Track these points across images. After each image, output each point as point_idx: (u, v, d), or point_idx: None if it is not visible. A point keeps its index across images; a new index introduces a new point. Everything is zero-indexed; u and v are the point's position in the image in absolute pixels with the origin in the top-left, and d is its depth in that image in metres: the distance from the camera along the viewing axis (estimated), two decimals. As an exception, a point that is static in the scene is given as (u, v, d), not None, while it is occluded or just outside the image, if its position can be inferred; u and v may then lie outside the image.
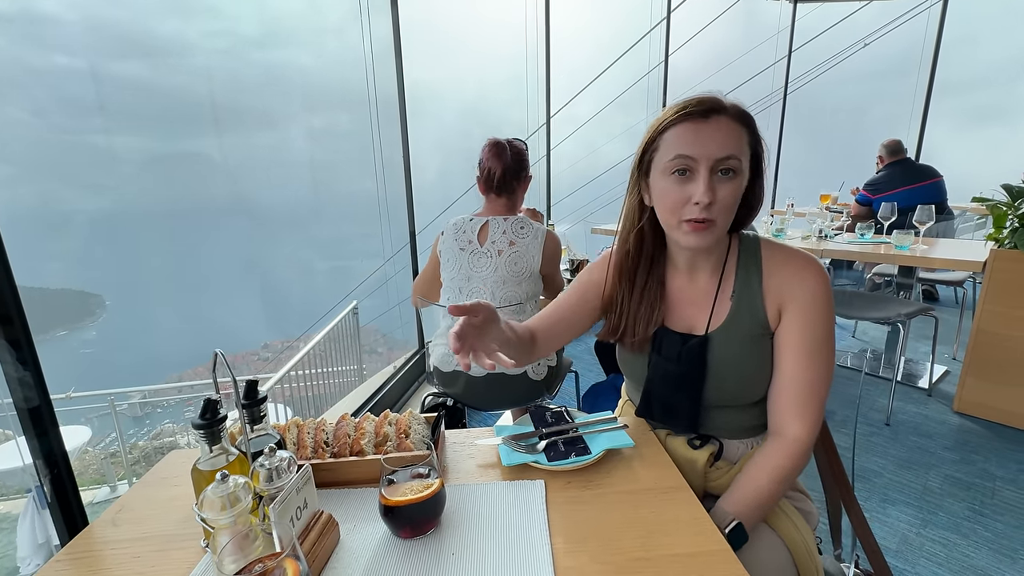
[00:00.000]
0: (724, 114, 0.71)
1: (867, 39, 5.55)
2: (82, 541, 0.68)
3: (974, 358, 2.21)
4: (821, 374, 0.77)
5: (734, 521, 0.71)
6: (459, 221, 1.51)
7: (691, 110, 0.71)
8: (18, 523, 0.98)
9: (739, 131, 0.72)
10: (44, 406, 0.83)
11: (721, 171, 0.70)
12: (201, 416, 0.60)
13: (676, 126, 0.72)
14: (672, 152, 0.72)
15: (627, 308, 0.87)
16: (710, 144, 0.70)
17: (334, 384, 3.49)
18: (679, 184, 0.72)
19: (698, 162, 0.70)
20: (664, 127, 0.74)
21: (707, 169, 0.70)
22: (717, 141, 0.70)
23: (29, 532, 0.96)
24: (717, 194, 0.70)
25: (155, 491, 0.78)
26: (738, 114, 0.73)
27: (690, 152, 0.70)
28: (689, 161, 0.71)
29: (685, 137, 0.71)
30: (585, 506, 0.70)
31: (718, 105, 0.71)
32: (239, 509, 0.57)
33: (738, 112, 0.73)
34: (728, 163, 0.70)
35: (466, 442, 0.88)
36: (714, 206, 0.71)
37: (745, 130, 0.73)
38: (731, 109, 0.72)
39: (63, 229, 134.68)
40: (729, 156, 0.70)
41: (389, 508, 0.63)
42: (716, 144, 0.69)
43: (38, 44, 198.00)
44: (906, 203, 2.95)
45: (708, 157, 0.69)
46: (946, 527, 1.61)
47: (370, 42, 2.55)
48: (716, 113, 0.71)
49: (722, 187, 0.71)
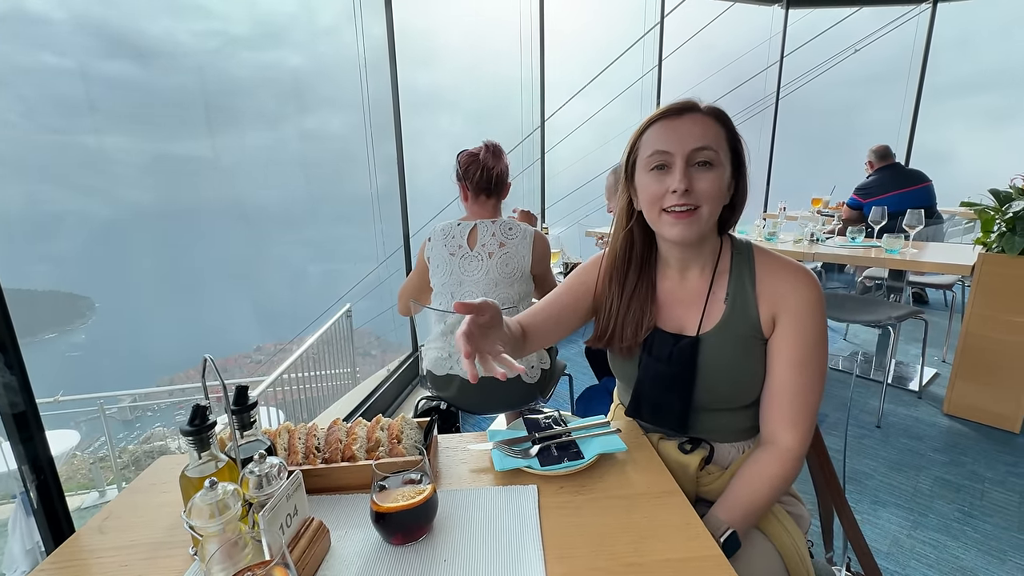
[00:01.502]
0: (698, 111, 0.76)
1: (858, 44, 5.62)
2: (68, 549, 0.67)
3: (963, 361, 2.23)
4: (813, 382, 0.78)
5: (728, 529, 0.72)
6: (446, 226, 1.51)
7: (667, 110, 0.77)
8: (8, 529, 0.96)
9: (714, 126, 0.76)
10: (30, 411, 0.82)
11: (698, 163, 0.74)
12: (190, 422, 0.60)
13: (653, 126, 0.77)
14: (650, 149, 0.76)
15: (615, 313, 0.87)
16: (685, 137, 0.74)
17: (328, 387, 3.47)
18: (658, 178, 0.75)
19: (673, 155, 0.74)
20: (643, 129, 0.78)
21: (683, 160, 0.73)
22: (692, 134, 0.73)
23: (18, 538, 0.94)
24: (695, 184, 0.73)
25: (143, 497, 0.77)
26: (712, 111, 0.77)
27: (666, 147, 0.74)
28: (666, 156, 0.74)
29: (661, 134, 0.76)
30: (578, 511, 0.70)
31: (692, 104, 0.76)
32: (228, 517, 0.56)
33: (712, 110, 0.77)
34: (703, 154, 0.73)
35: (459, 447, 0.87)
36: (693, 194, 0.73)
37: (721, 126, 0.76)
38: (705, 108, 0.77)
39: (52, 230, 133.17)
40: (704, 147, 0.73)
41: (380, 515, 0.62)
42: (691, 137, 0.73)
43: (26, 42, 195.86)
44: (896, 207, 2.99)
45: (683, 149, 0.73)
46: (936, 529, 1.62)
47: (363, 44, 2.55)
48: (691, 111, 0.76)
49: (700, 177, 0.74)
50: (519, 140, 3.98)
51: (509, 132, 4.02)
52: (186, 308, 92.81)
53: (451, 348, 1.51)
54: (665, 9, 4.52)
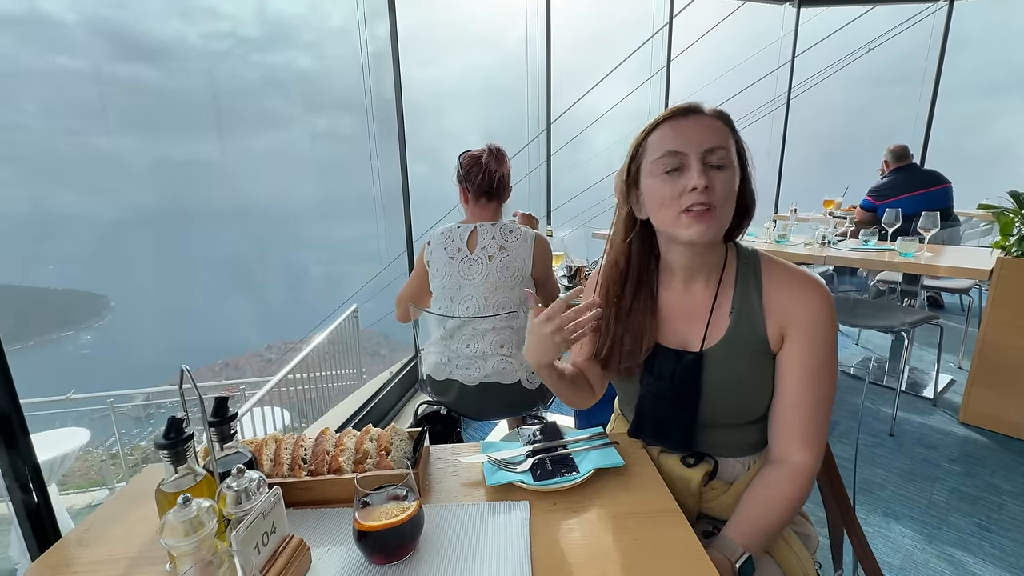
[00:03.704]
0: (703, 113, 0.73)
1: (871, 43, 5.51)
2: (48, 559, 0.66)
3: (980, 368, 2.16)
4: (825, 396, 0.74)
5: (744, 554, 0.68)
6: (446, 230, 1.49)
7: (672, 112, 0.74)
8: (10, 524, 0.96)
9: (721, 127, 0.73)
10: (14, 415, 0.80)
11: (712, 165, 0.71)
12: (165, 435, 0.58)
13: (659, 128, 0.74)
14: (660, 151, 0.72)
15: (612, 330, 0.83)
16: (697, 135, 0.71)
17: (334, 387, 3.47)
18: (672, 180, 0.72)
19: (688, 155, 0.71)
20: (647, 133, 0.75)
21: (698, 159, 0.70)
22: (702, 133, 0.71)
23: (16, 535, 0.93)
24: (713, 182, 0.70)
25: (126, 510, 0.75)
26: (717, 113, 0.74)
27: (678, 147, 0.71)
28: (679, 156, 0.71)
29: (671, 134, 0.72)
30: (570, 530, 0.67)
31: (696, 106, 0.74)
32: (202, 535, 0.54)
33: (716, 111, 0.75)
34: (717, 153, 0.71)
35: (451, 459, 0.85)
36: (712, 192, 0.70)
37: (728, 129, 0.74)
38: (710, 110, 0.74)
39: (63, 230, 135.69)
40: (717, 146, 0.71)
41: (363, 533, 0.60)
42: (702, 135, 0.71)
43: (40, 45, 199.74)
44: (911, 209, 2.91)
45: (698, 147, 0.70)
46: (951, 543, 1.57)
47: (367, 46, 2.54)
48: (695, 112, 0.73)
49: (716, 177, 0.70)
50: (525, 142, 3.96)
51: (515, 134, 4.00)
52: (200, 307, 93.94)
53: (450, 353, 1.48)
54: (674, 9, 4.47)
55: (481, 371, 1.44)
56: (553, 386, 0.83)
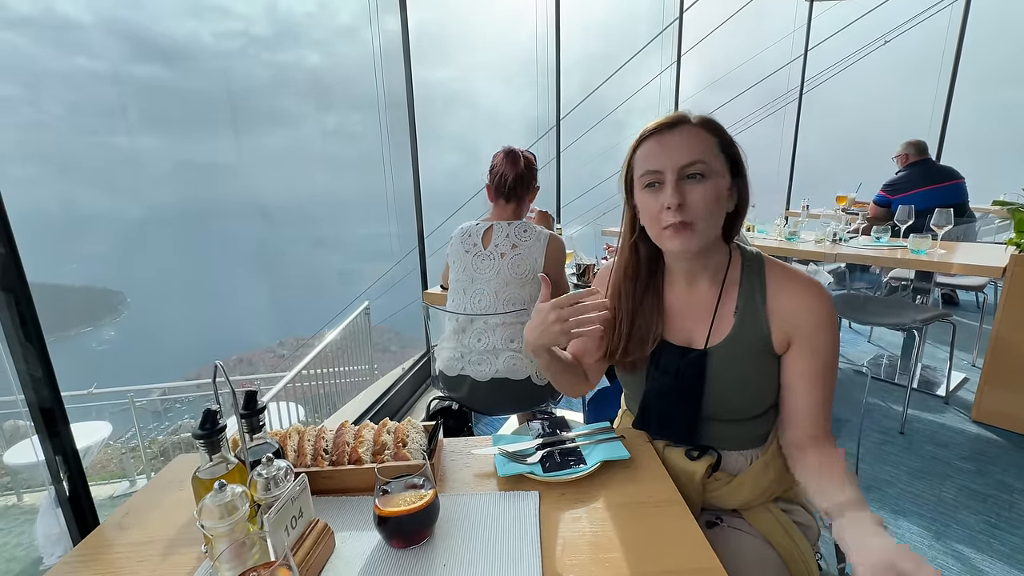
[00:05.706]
0: (688, 123, 0.75)
1: (888, 35, 5.42)
2: (91, 542, 0.71)
3: (994, 366, 2.15)
4: (830, 391, 0.78)
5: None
6: (467, 226, 1.57)
7: (657, 126, 0.76)
8: (38, 516, 1.02)
9: (705, 137, 0.75)
10: (56, 407, 0.85)
11: (688, 176, 0.73)
12: (201, 426, 0.62)
13: (643, 144, 0.77)
14: (642, 168, 0.76)
15: (624, 328, 0.86)
16: (674, 153, 0.73)
17: (347, 383, 3.54)
18: (653, 196, 0.75)
19: (664, 173, 0.74)
20: (635, 146, 0.78)
21: (674, 176, 0.73)
22: (681, 149, 0.73)
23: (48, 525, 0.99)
24: (687, 197, 0.73)
25: (161, 495, 0.81)
26: (703, 122, 0.76)
27: (656, 166, 0.74)
28: (657, 175, 0.75)
29: (651, 152, 0.76)
30: (578, 519, 0.70)
31: (682, 118, 0.76)
32: (236, 518, 0.58)
33: (703, 121, 0.76)
34: (694, 168, 0.73)
35: (464, 451, 0.88)
36: (686, 209, 0.73)
37: (713, 137, 0.76)
38: (696, 120, 0.76)
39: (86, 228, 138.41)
40: (694, 161, 0.73)
41: (383, 518, 0.64)
42: (680, 152, 0.73)
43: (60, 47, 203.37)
44: (925, 205, 2.88)
45: (673, 166, 0.73)
46: (960, 540, 1.57)
47: (380, 43, 2.57)
48: (680, 124, 0.75)
49: (692, 191, 0.73)
50: (536, 138, 3.97)
51: (526, 131, 4.01)
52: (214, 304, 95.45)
53: (463, 348, 1.52)
54: (685, 4, 4.44)
55: (492, 367, 1.48)
56: (545, 367, 0.85)
